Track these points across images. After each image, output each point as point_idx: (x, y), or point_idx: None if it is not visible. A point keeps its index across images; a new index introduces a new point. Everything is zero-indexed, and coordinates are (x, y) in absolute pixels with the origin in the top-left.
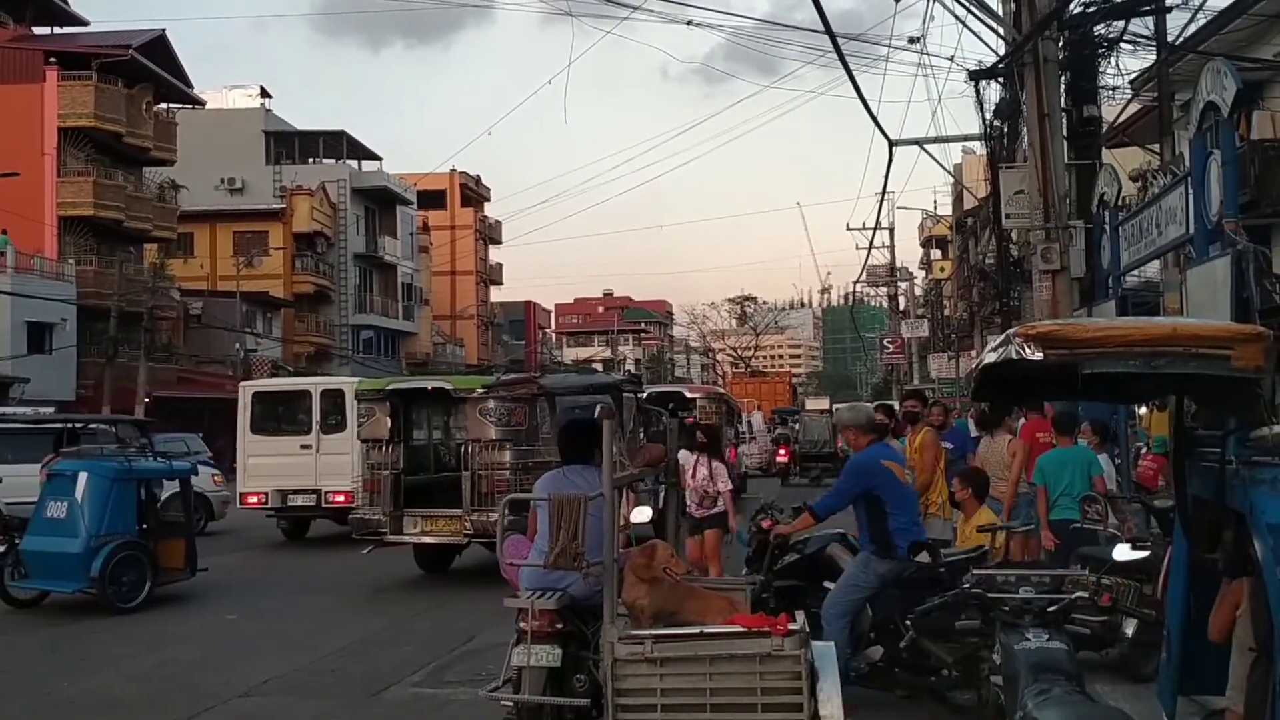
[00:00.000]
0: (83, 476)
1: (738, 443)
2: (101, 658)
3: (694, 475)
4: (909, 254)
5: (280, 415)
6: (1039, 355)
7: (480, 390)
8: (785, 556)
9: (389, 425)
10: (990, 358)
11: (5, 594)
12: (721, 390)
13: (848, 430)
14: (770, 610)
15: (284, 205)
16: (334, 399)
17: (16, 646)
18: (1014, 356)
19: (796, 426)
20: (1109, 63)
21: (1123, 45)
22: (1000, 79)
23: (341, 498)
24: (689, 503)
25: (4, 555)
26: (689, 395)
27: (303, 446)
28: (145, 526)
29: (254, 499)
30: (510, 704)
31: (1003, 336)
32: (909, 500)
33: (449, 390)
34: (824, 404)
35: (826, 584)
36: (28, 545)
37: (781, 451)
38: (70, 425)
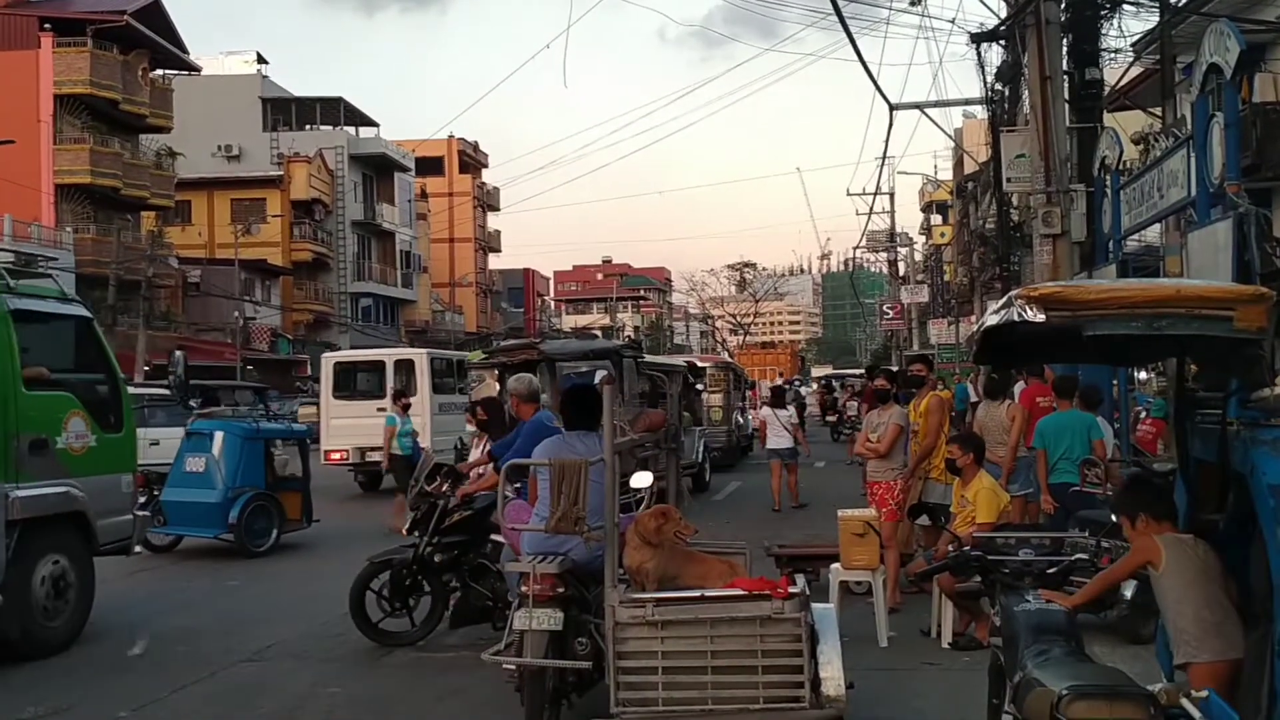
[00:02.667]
0: (219, 435)
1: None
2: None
3: (469, 460)
4: (909, 219)
5: (357, 382)
6: (1041, 317)
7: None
8: (453, 515)
9: (497, 389)
10: (992, 320)
11: (145, 540)
12: (730, 359)
13: (514, 397)
14: (436, 565)
15: (281, 172)
16: (406, 367)
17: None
18: (1016, 319)
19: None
20: (1111, 25)
21: (1125, 7)
22: (1002, 41)
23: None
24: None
25: (145, 505)
26: (700, 364)
27: (378, 409)
28: (270, 480)
29: (336, 455)
30: (512, 667)
31: (1004, 299)
32: None
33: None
34: (826, 370)
35: (495, 537)
36: (168, 496)
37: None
38: (205, 392)
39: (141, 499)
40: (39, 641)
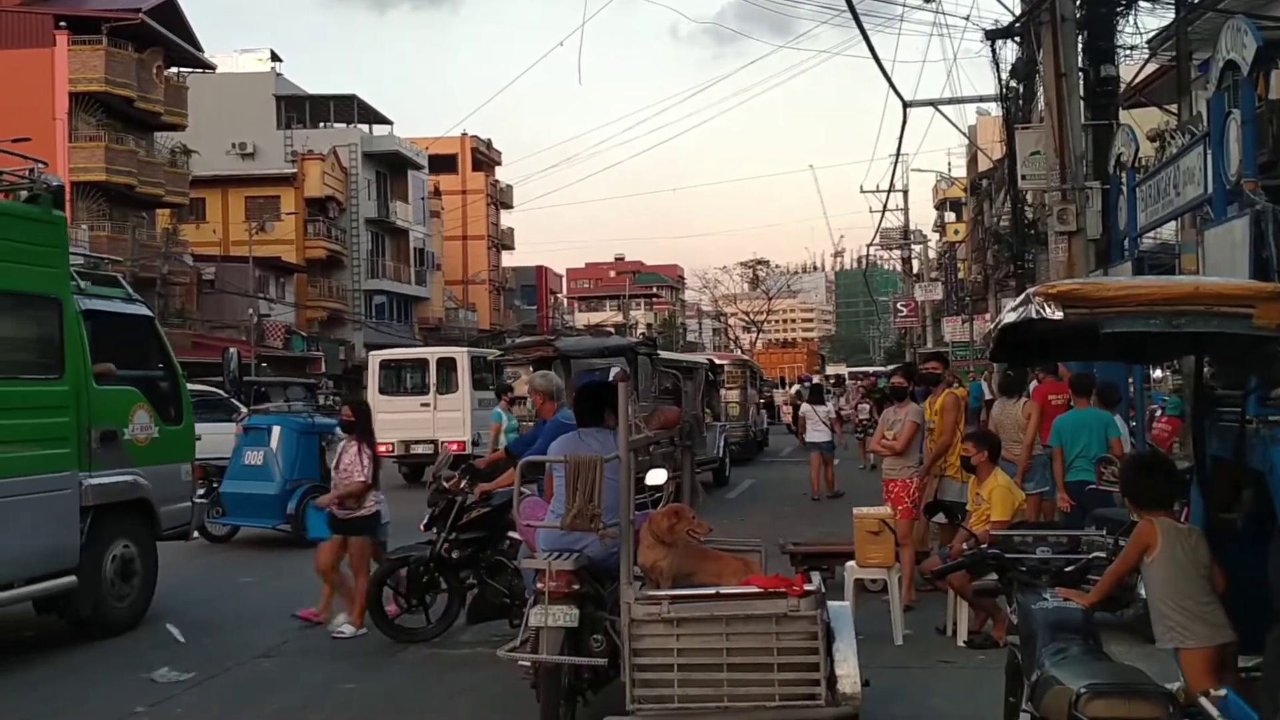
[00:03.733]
0: (276, 430)
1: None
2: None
3: (338, 464)
4: (923, 217)
5: (402, 379)
6: (1059, 314)
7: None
8: (471, 511)
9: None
10: (1010, 318)
11: (204, 530)
12: (746, 357)
13: (537, 395)
14: (453, 562)
15: (295, 170)
16: (448, 365)
17: None
18: (1034, 316)
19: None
20: (1127, 21)
21: (1140, 3)
22: (1017, 38)
23: (455, 446)
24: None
25: (204, 496)
26: (719, 362)
27: (422, 405)
28: (324, 472)
29: (383, 448)
30: (527, 664)
31: (1022, 296)
32: None
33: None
34: (841, 369)
35: (513, 534)
36: (227, 488)
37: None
38: (257, 388)
39: (200, 490)
40: (109, 620)
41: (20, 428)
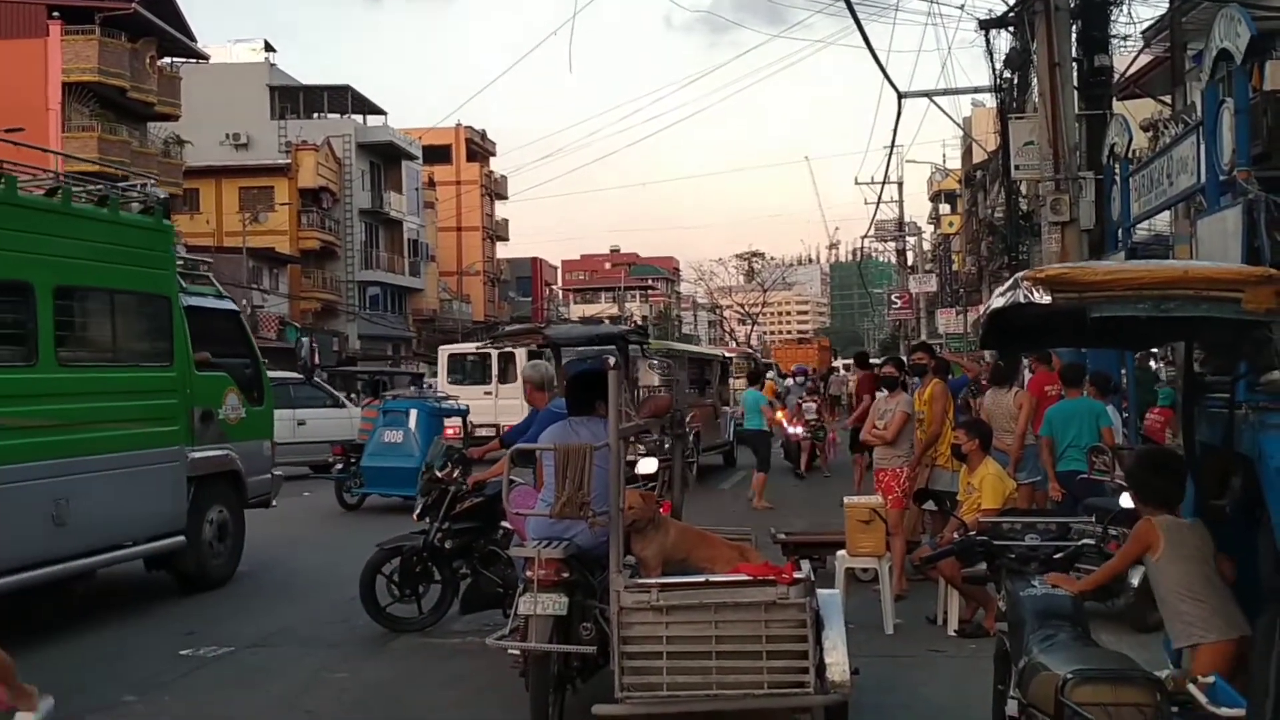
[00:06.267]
0: (413, 412)
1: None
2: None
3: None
4: (917, 208)
5: (466, 369)
6: (1047, 299)
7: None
8: (464, 501)
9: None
10: (998, 303)
11: (340, 499)
12: (750, 350)
13: (528, 385)
14: (446, 552)
15: (289, 160)
16: (507, 358)
17: None
18: (1022, 300)
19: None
20: (1120, 11)
21: None
22: (1011, 28)
23: (507, 428)
24: None
25: (344, 470)
26: (727, 354)
27: (485, 393)
28: None
29: (450, 431)
30: (517, 652)
31: (1011, 280)
32: None
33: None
34: (835, 362)
35: (506, 524)
36: (367, 462)
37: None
38: (376, 378)
39: (338, 465)
40: (209, 576)
41: (142, 408)
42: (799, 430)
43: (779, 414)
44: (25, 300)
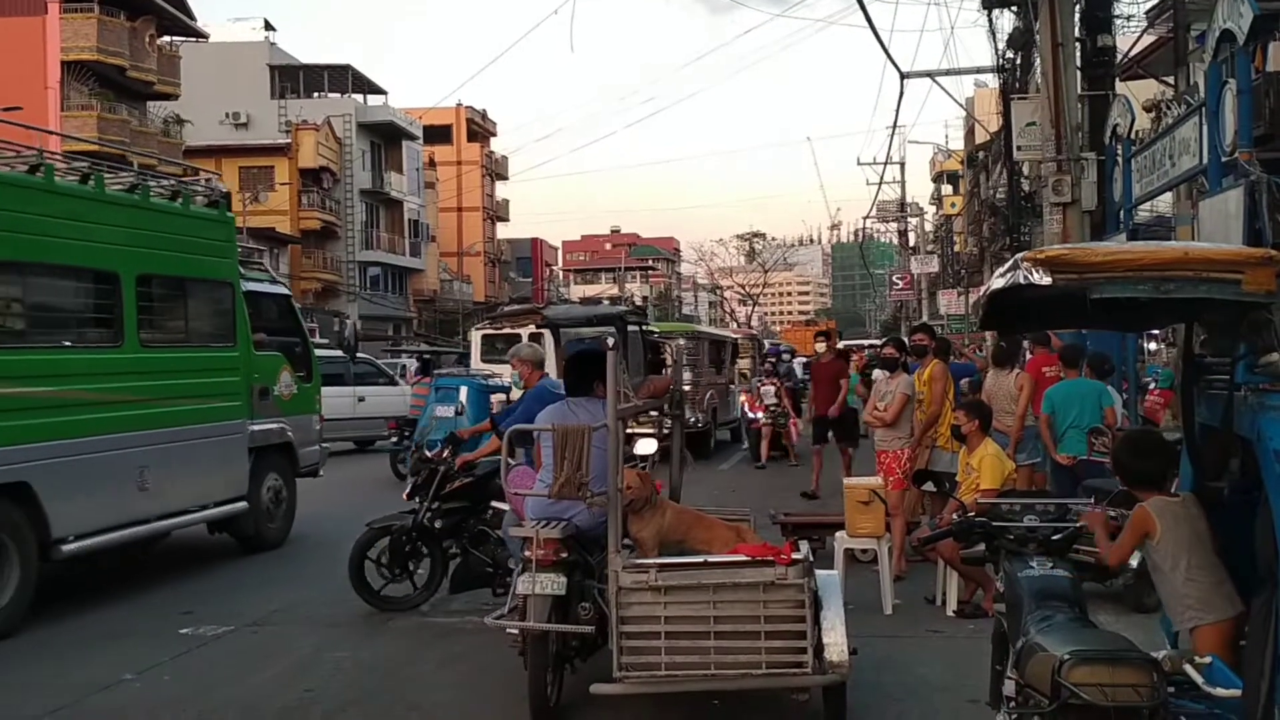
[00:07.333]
0: (464, 389)
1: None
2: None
3: None
4: (920, 189)
5: (499, 348)
6: (1047, 280)
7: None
8: (454, 481)
9: None
10: (998, 284)
11: (395, 470)
12: (754, 332)
13: (524, 365)
14: (435, 531)
15: (289, 140)
16: (537, 339)
17: None
18: (1022, 281)
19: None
20: None
21: None
22: (1014, 8)
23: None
24: None
25: (398, 444)
26: (732, 336)
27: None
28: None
29: (495, 406)
30: (515, 631)
31: (1011, 261)
32: None
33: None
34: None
35: (496, 504)
36: (419, 436)
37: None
38: (425, 356)
39: (394, 439)
40: (265, 539)
41: (210, 385)
42: (759, 416)
43: (741, 398)
44: (113, 288)
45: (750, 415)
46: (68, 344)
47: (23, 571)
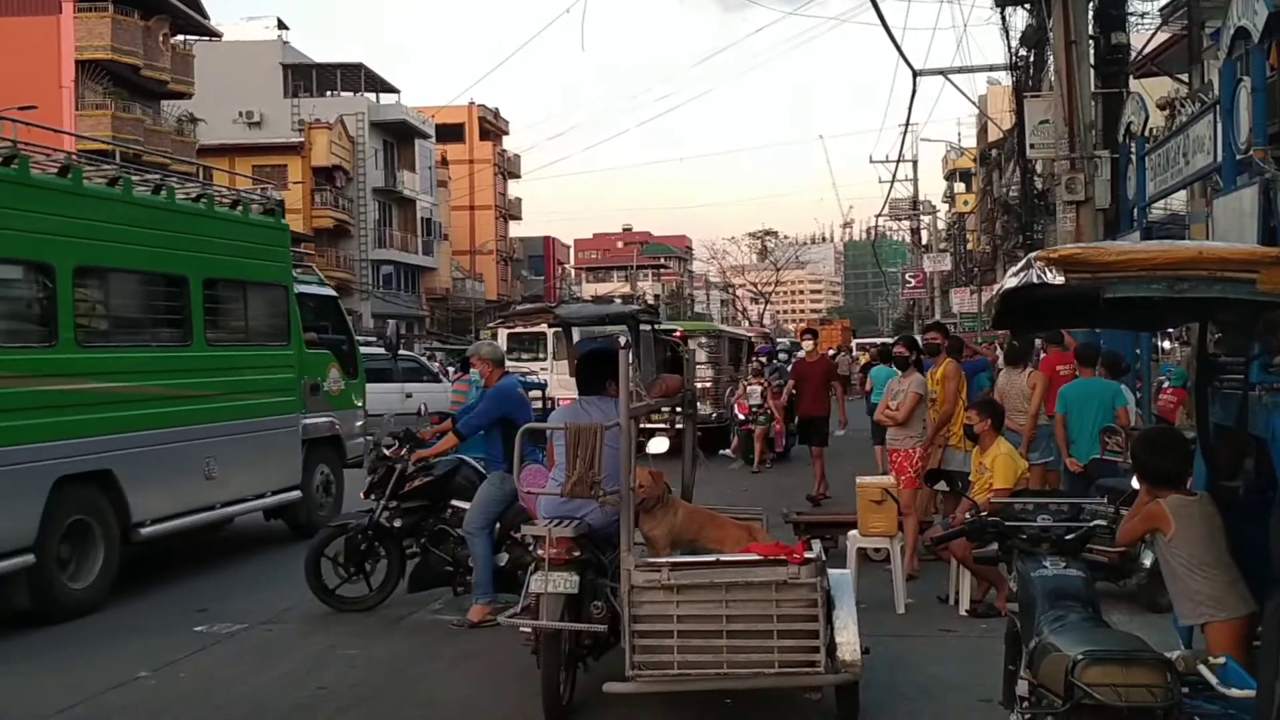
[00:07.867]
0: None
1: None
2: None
3: None
4: (932, 187)
5: (523, 346)
6: (1060, 279)
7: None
8: (413, 480)
9: None
10: (1011, 283)
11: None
12: (767, 330)
13: (484, 364)
14: (392, 530)
15: (302, 139)
16: (558, 337)
17: None
18: (1035, 281)
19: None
20: None
21: None
22: (1027, 5)
23: (566, 402)
24: None
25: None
26: (745, 334)
27: (541, 368)
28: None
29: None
30: (528, 630)
31: (1024, 260)
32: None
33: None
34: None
35: (455, 503)
36: None
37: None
38: (465, 356)
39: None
40: (316, 526)
41: (268, 381)
42: (745, 417)
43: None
44: (182, 291)
45: (740, 416)
46: (144, 343)
47: (107, 552)
